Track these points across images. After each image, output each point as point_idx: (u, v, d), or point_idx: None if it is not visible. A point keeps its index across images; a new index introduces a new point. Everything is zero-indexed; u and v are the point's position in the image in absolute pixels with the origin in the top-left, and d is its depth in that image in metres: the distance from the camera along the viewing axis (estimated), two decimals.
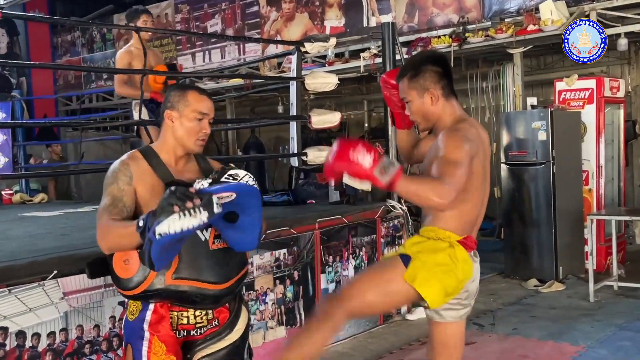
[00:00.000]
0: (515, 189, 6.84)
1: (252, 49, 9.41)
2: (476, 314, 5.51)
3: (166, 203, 1.93)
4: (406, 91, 2.57)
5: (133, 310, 2.25)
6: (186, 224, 1.92)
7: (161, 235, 1.91)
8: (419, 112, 2.56)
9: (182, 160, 2.34)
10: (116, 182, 2.21)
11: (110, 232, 2.11)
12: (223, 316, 2.30)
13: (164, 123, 2.33)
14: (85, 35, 11.75)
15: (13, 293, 2.95)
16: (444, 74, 2.56)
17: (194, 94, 2.32)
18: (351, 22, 8.28)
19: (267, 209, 5.78)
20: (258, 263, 4.29)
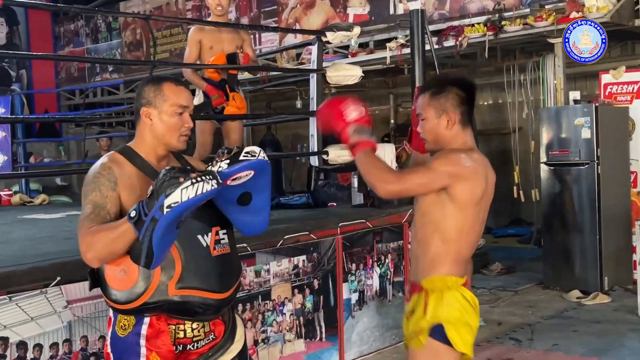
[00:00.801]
0: (556, 191, 6.80)
1: (269, 39, 9.44)
2: (513, 327, 5.49)
3: (167, 178, 1.95)
4: (425, 107, 2.63)
5: (125, 325, 2.22)
6: (201, 189, 1.94)
7: (171, 208, 1.92)
8: (431, 132, 2.63)
9: (164, 161, 2.33)
10: (98, 189, 2.17)
11: (97, 239, 2.06)
12: (219, 329, 2.32)
13: (141, 122, 2.30)
14: (90, 24, 11.86)
15: (14, 301, 2.99)
16: (467, 100, 2.63)
17: (170, 85, 2.29)
18: (376, 10, 8.26)
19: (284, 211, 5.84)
20: (275, 270, 4.31)
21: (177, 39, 10.46)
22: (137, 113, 2.31)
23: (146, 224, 1.96)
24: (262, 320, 4.22)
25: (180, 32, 10.40)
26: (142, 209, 1.98)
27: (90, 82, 11.58)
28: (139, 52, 11.00)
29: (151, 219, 1.95)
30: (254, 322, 4.17)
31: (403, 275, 5.22)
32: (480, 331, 5.42)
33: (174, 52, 10.39)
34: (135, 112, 2.33)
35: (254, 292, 4.18)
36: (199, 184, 1.94)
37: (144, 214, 1.97)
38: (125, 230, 2.02)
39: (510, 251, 8.78)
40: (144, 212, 1.97)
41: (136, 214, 1.99)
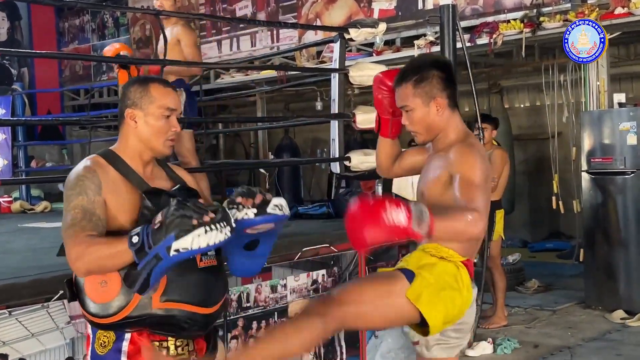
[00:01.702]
0: (598, 202, 6.76)
1: (287, 35, 9.47)
2: (550, 350, 5.46)
3: (179, 214, 1.95)
4: (409, 98, 2.64)
5: (104, 342, 2.21)
6: (213, 239, 1.95)
7: (178, 252, 1.93)
8: (422, 122, 2.65)
9: (149, 166, 2.35)
10: (84, 193, 2.17)
11: (92, 251, 2.06)
12: (200, 347, 2.32)
13: (125, 124, 2.32)
14: (96, 19, 11.99)
15: (14, 316, 3.03)
16: (449, 80, 2.66)
17: (157, 87, 2.31)
18: (404, 5, 8.27)
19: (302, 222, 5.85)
20: (292, 286, 4.32)
21: None
22: (120, 115, 2.33)
23: (148, 258, 1.98)
24: None
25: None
26: (146, 239, 1.98)
27: (96, 82, 11.68)
28: (148, 49, 11.09)
29: (155, 255, 1.96)
30: None
31: None
32: (515, 354, 5.44)
33: None
34: (119, 114, 2.34)
35: (269, 309, 4.20)
36: (212, 233, 1.95)
37: (147, 245, 1.97)
38: (122, 252, 2.02)
39: (548, 267, 8.73)
40: (147, 243, 1.97)
41: (139, 241, 1.99)
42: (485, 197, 2.48)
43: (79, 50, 12.16)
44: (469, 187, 2.46)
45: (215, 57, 10.14)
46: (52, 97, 12.32)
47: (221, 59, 10.03)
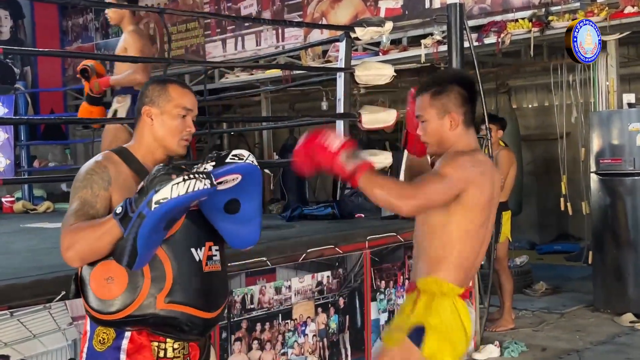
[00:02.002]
0: (607, 204, 6.73)
1: (293, 34, 9.48)
2: (558, 354, 5.45)
3: (159, 174, 2.00)
4: (425, 108, 2.67)
5: (103, 339, 2.22)
6: (192, 187, 1.96)
7: (159, 204, 1.95)
8: (434, 134, 2.67)
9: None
10: (90, 186, 2.21)
11: (81, 237, 2.09)
12: (194, 354, 2.33)
13: (141, 121, 2.36)
14: (100, 18, 12.00)
15: (15, 317, 3.03)
16: (469, 99, 2.67)
17: (175, 87, 2.36)
18: (410, 4, 8.26)
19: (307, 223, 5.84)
20: (297, 287, 4.32)
21: (193, 34, 10.56)
22: (138, 112, 2.36)
23: (133, 220, 1.99)
24: (282, 342, 4.23)
25: (196, 27, 10.50)
26: (128, 205, 2.02)
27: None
28: (152, 47, 11.11)
29: (138, 215, 1.98)
30: (274, 344, 4.19)
31: None
32: (522, 357, 5.42)
33: (190, 49, 10.49)
34: (136, 111, 2.38)
35: (273, 311, 4.20)
36: (191, 182, 1.97)
37: (130, 210, 2.01)
38: (110, 228, 2.05)
39: (556, 269, 8.71)
40: (131, 208, 2.01)
41: (122, 210, 2.03)
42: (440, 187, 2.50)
43: (83, 49, 12.17)
44: (429, 175, 2.55)
45: (219, 56, 10.15)
46: (55, 96, 12.34)
47: (226, 58, 10.04)
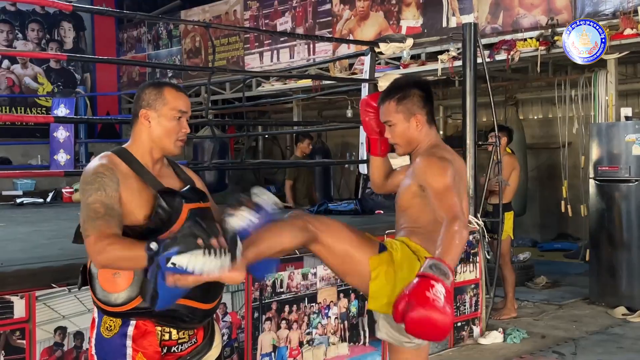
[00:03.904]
0: (604, 207, 6.66)
1: (323, 49, 9.49)
2: (556, 341, 5.39)
3: (190, 232, 1.93)
4: (392, 114, 2.67)
5: (110, 326, 2.17)
6: (207, 266, 1.92)
7: (174, 265, 1.90)
8: (402, 136, 2.68)
9: (158, 165, 2.31)
10: (103, 188, 2.12)
11: (112, 250, 2.03)
12: (200, 333, 2.30)
13: (138, 123, 2.28)
14: (152, 31, 12.11)
15: (72, 292, 3.07)
16: (428, 99, 2.69)
17: (170, 90, 2.29)
18: (429, 22, 8.23)
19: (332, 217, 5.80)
20: (322, 274, 4.32)
21: (234, 47, 10.60)
22: (135, 115, 2.30)
23: (153, 266, 1.95)
24: (308, 322, 4.24)
25: (237, 40, 10.54)
26: (159, 248, 1.97)
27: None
28: (197, 59, 11.18)
29: (157, 263, 1.93)
30: (300, 324, 4.19)
31: None
32: (523, 343, 5.38)
33: (231, 60, 10.54)
34: (133, 114, 2.31)
35: (300, 294, 4.21)
36: (207, 260, 1.91)
37: (158, 254, 1.96)
38: (139, 257, 2.01)
39: (555, 265, 8.62)
40: (159, 252, 1.96)
41: (155, 248, 1.98)
42: (457, 197, 2.46)
43: (136, 59, 12.28)
44: (441, 197, 2.46)
45: (257, 67, 10.18)
46: (111, 100, 12.49)
47: (262, 68, 10.07)
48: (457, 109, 10.00)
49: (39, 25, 12.07)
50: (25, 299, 2.99)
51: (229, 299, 3.84)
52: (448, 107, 10.77)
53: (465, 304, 5.33)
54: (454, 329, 5.23)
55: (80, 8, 4.98)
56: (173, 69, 11.71)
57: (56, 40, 12.27)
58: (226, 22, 10.55)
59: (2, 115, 10.74)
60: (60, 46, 12.25)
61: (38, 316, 3.02)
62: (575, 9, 7.07)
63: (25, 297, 2.99)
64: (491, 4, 7.71)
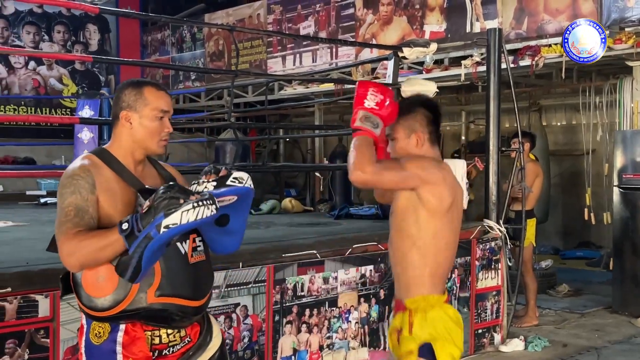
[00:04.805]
0: (628, 215, 6.58)
1: (345, 53, 9.49)
2: (578, 350, 5.33)
3: (167, 197, 1.91)
4: (394, 128, 2.69)
5: (99, 332, 2.12)
6: (201, 214, 1.90)
7: (168, 228, 1.88)
8: (402, 151, 2.68)
9: (141, 165, 2.27)
10: (78, 191, 2.07)
11: (83, 246, 1.98)
12: (194, 332, 2.26)
13: (119, 125, 2.23)
14: (175, 34, 12.19)
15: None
16: (433, 121, 2.71)
17: (151, 90, 2.23)
18: (453, 27, 8.20)
19: (354, 221, 5.82)
20: (343, 278, 4.31)
21: (257, 50, 10.64)
22: (115, 116, 2.24)
23: (139, 240, 1.91)
24: (328, 327, 4.23)
25: (260, 44, 10.58)
26: (135, 223, 1.92)
27: (174, 89, 11.87)
28: (220, 62, 11.24)
29: (145, 235, 1.90)
30: (320, 328, 4.19)
31: (469, 291, 5.15)
32: (544, 351, 5.32)
33: (254, 64, 10.57)
34: (113, 116, 2.25)
35: (321, 298, 4.20)
36: (200, 209, 1.90)
37: (137, 229, 1.91)
38: (114, 241, 1.96)
39: (578, 273, 8.53)
40: (137, 227, 1.92)
41: (129, 227, 1.93)
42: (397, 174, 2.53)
43: (160, 61, 12.37)
44: (392, 165, 2.57)
45: (279, 70, 10.21)
46: None
47: (285, 72, 10.10)
48: (479, 114, 9.95)
49: (65, 27, 12.20)
50: (49, 298, 3.02)
51: (250, 302, 3.85)
52: (470, 112, 10.71)
53: (487, 311, 5.29)
54: (474, 336, 5.19)
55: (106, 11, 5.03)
56: (197, 71, 11.79)
57: (81, 42, 12.39)
58: (249, 25, 10.59)
59: (30, 115, 10.88)
60: (86, 48, 12.37)
61: (62, 315, 3.05)
62: (601, 15, 7.00)
63: (50, 297, 3.02)
64: (516, 9, 7.67)
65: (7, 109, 11.37)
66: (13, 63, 11.56)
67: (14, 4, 11.56)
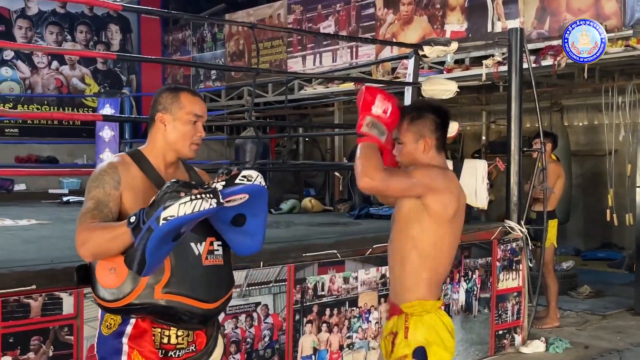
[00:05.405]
0: None
1: (365, 52, 9.47)
2: (600, 352, 5.29)
3: (169, 190, 1.95)
4: (403, 132, 2.70)
5: (110, 324, 2.18)
6: (198, 207, 1.93)
7: (167, 220, 1.91)
8: (409, 155, 2.69)
9: (172, 167, 2.32)
10: (102, 186, 2.17)
11: (95, 236, 2.06)
12: (200, 341, 2.26)
13: (155, 126, 2.30)
14: (196, 34, 12.25)
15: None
16: (441, 126, 2.71)
17: (187, 95, 2.31)
18: (474, 27, 8.16)
19: (374, 221, 5.80)
20: (363, 278, 4.31)
21: (277, 50, 10.66)
22: (151, 118, 2.31)
23: (142, 232, 1.96)
24: (348, 326, 4.23)
25: (280, 44, 10.59)
26: (141, 217, 1.98)
27: (195, 89, 11.92)
28: (240, 61, 11.27)
29: (147, 228, 1.94)
30: (340, 327, 4.19)
31: (490, 292, 5.12)
32: (566, 353, 5.28)
33: (274, 63, 10.59)
34: (150, 117, 2.33)
35: (341, 298, 4.20)
36: (197, 202, 1.93)
37: (142, 221, 1.97)
38: (122, 234, 2.02)
39: (599, 275, 8.45)
40: (142, 219, 1.97)
41: (135, 220, 1.99)
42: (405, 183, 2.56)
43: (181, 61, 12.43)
44: (400, 173, 2.61)
45: (299, 70, 10.21)
46: None
47: (305, 72, 10.10)
48: (500, 114, 9.89)
49: (87, 27, 12.30)
50: (73, 296, 3.05)
51: (271, 301, 3.86)
52: (491, 112, 10.65)
53: (508, 312, 5.26)
54: (495, 337, 5.16)
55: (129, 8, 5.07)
56: (218, 69, 11.83)
57: (103, 42, 12.49)
58: (270, 24, 10.60)
59: (54, 112, 10.98)
60: (107, 48, 12.46)
61: (86, 313, 3.07)
62: (624, 15, 6.93)
63: (74, 294, 3.05)
64: (538, 9, 7.61)
65: (31, 108, 11.50)
66: (36, 63, 11.69)
67: (37, 5, 11.68)
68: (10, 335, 2.90)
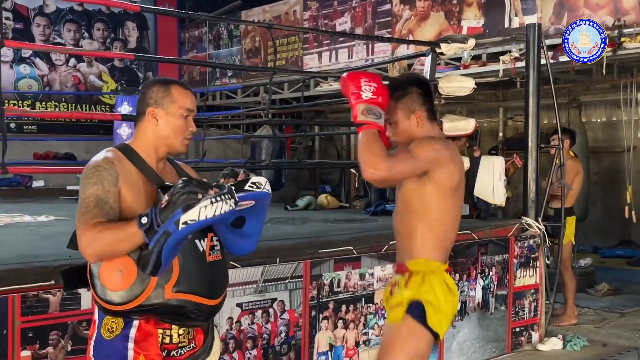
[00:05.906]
0: None
1: (382, 49, 9.45)
2: (618, 350, 5.26)
3: (185, 192, 1.90)
4: (393, 111, 2.69)
5: (112, 327, 2.10)
6: (219, 210, 1.89)
7: (187, 224, 1.86)
8: (404, 133, 2.70)
9: (162, 162, 2.27)
10: (100, 182, 2.07)
11: (102, 237, 1.97)
12: (199, 337, 2.24)
13: (144, 121, 2.23)
14: (212, 31, 12.28)
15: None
16: (427, 96, 2.73)
17: (178, 89, 2.24)
18: (491, 23, 8.11)
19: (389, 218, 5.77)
20: (379, 275, 4.31)
21: (293, 47, 10.66)
22: (141, 112, 2.24)
23: (158, 236, 1.90)
24: (364, 323, 4.23)
25: (296, 41, 10.59)
26: (154, 218, 1.92)
27: (211, 86, 11.97)
28: (257, 58, 11.29)
29: (164, 231, 1.89)
30: (357, 324, 4.19)
31: (507, 289, 5.10)
32: (583, 351, 5.26)
33: (290, 60, 10.60)
34: (138, 112, 2.25)
35: (357, 294, 4.20)
36: (218, 204, 1.88)
37: (156, 223, 1.91)
38: (132, 234, 1.95)
39: (617, 272, 8.39)
40: (156, 221, 1.91)
41: (148, 221, 1.92)
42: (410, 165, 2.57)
43: (197, 58, 12.48)
44: (403, 156, 2.60)
45: (315, 67, 10.21)
46: None
47: (321, 69, 10.09)
48: (517, 110, 9.83)
49: (104, 24, 12.38)
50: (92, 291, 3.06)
51: (287, 297, 3.87)
52: (508, 108, 10.59)
53: (525, 309, 5.24)
54: (512, 334, 5.14)
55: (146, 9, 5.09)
56: (234, 69, 11.86)
57: (120, 39, 12.56)
58: (286, 22, 10.61)
59: (73, 112, 11.07)
60: (124, 45, 12.53)
61: None
62: None
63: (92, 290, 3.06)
64: (555, 4, 7.55)
65: (49, 106, 11.59)
66: (54, 60, 11.77)
67: (55, 2, 11.76)
68: (30, 329, 2.93)
